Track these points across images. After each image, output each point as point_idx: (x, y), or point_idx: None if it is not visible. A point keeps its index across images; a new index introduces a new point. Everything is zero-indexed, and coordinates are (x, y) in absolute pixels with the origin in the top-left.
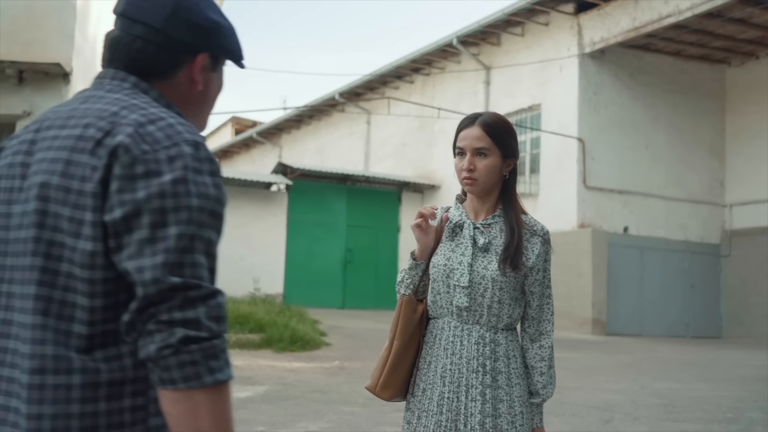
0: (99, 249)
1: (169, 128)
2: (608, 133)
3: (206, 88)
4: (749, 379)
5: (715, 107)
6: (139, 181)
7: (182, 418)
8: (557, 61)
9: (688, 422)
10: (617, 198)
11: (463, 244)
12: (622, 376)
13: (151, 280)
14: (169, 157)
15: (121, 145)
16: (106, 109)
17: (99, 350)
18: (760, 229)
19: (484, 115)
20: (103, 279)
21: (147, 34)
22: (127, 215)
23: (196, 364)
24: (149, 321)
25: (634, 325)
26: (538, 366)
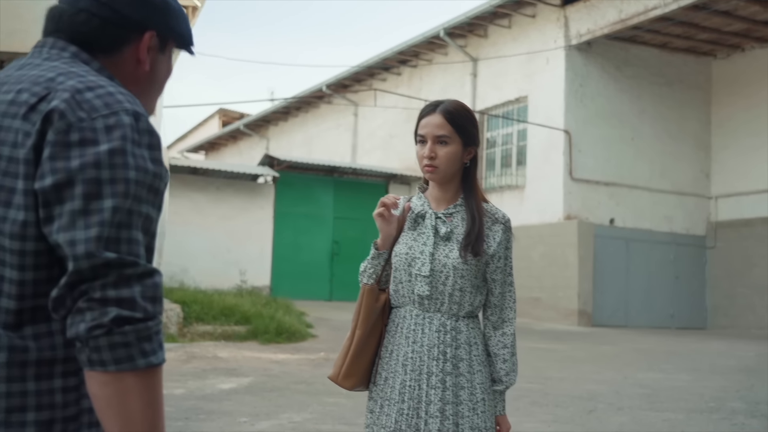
0: (31, 219)
1: (108, 96)
2: (594, 125)
3: (153, 70)
4: (732, 370)
5: (700, 99)
6: (73, 149)
7: (110, 401)
8: (544, 53)
9: (670, 412)
10: (603, 190)
11: (424, 234)
12: (606, 367)
13: (83, 254)
14: (107, 126)
15: (55, 110)
16: (42, 75)
17: (28, 326)
18: (745, 220)
19: (446, 103)
20: (35, 251)
21: (92, 6)
22: (58, 184)
23: (129, 346)
24: (80, 298)
25: (620, 316)
26: (500, 353)
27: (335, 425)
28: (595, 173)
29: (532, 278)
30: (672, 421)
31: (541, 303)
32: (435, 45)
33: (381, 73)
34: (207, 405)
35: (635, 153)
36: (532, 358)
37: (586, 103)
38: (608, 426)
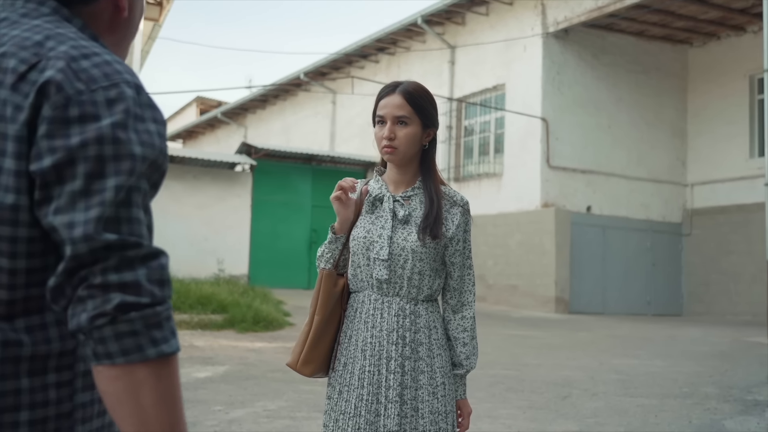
0: (24, 203)
1: (106, 65)
2: (572, 113)
3: (131, 13)
4: (706, 355)
5: (677, 87)
6: (73, 126)
7: (121, 397)
8: (521, 40)
9: (644, 397)
10: (580, 177)
11: (382, 217)
12: (582, 354)
13: (82, 236)
14: (108, 99)
15: (52, 82)
16: (27, 37)
17: (20, 319)
18: (721, 208)
19: (405, 84)
20: (28, 237)
21: None
22: (58, 164)
23: (137, 335)
24: (80, 286)
25: (597, 303)
26: (460, 337)
27: (310, 413)
28: (573, 161)
29: (509, 266)
30: (646, 407)
31: (519, 290)
32: (413, 32)
33: (359, 61)
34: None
35: (612, 141)
36: (509, 345)
37: (564, 91)
38: (583, 412)
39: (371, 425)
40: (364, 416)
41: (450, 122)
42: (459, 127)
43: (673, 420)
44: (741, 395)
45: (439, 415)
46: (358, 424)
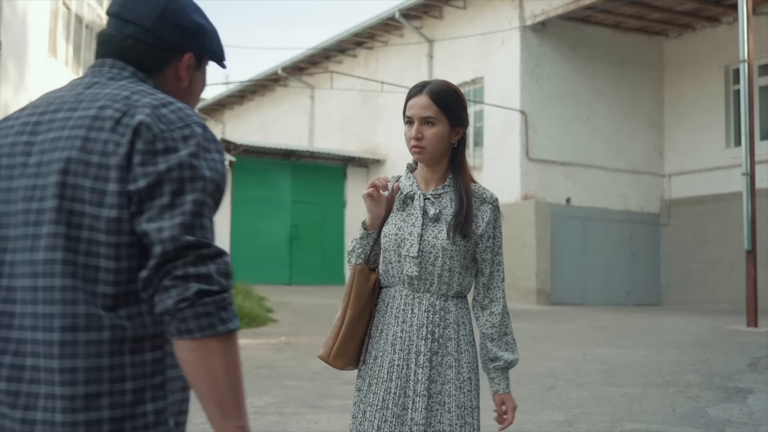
0: (124, 216)
1: (180, 111)
2: (550, 106)
3: (191, 85)
4: (687, 344)
5: (653, 79)
6: (159, 156)
7: (198, 364)
8: (499, 34)
9: (627, 386)
10: (560, 169)
11: (413, 215)
12: (565, 344)
13: (169, 237)
14: (184, 136)
15: (143, 124)
16: (117, 93)
17: (123, 308)
18: (698, 198)
19: (432, 84)
20: (128, 243)
21: (138, 33)
22: (150, 184)
23: (210, 315)
24: (166, 277)
25: (577, 294)
26: (488, 333)
27: (298, 408)
28: (552, 153)
29: None
30: (630, 396)
31: None
32: (391, 27)
33: (337, 56)
34: None
35: (590, 132)
36: None
37: (542, 84)
38: (568, 402)
39: (398, 418)
40: (392, 409)
41: None
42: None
43: (658, 408)
44: (723, 382)
45: (465, 410)
46: (385, 416)
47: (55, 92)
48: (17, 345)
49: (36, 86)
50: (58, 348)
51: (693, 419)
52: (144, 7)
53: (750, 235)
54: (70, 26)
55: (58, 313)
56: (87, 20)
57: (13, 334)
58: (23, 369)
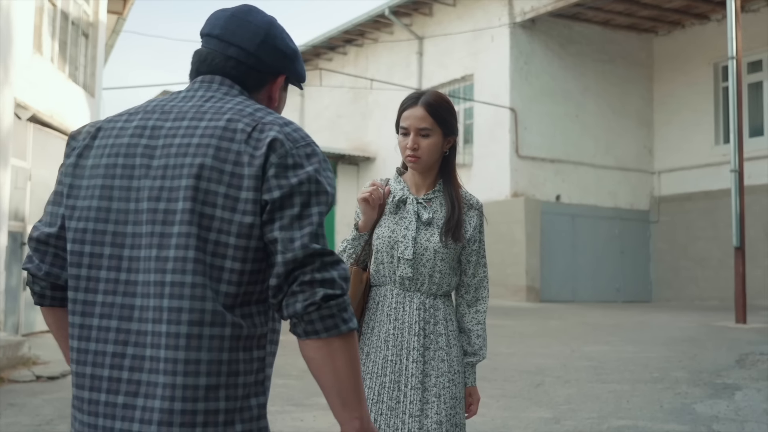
0: (257, 222)
1: (300, 130)
2: (540, 103)
3: (280, 104)
4: (676, 340)
5: (643, 76)
6: (290, 170)
7: (324, 361)
8: (489, 31)
9: (616, 383)
10: (549, 167)
11: (406, 218)
12: (554, 341)
13: (300, 246)
14: (307, 153)
15: (277, 140)
16: (241, 109)
17: (238, 308)
18: (687, 195)
19: (427, 95)
20: (256, 247)
21: (240, 55)
22: (283, 195)
23: (334, 317)
24: (294, 283)
25: (567, 291)
26: (474, 329)
27: (284, 406)
28: (541, 150)
29: None
30: (617, 392)
31: (490, 280)
32: (380, 24)
33: (327, 53)
34: None
35: (580, 130)
36: None
37: (531, 81)
38: (556, 399)
39: (392, 411)
40: (386, 402)
41: None
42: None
43: (645, 405)
44: (710, 379)
45: (456, 401)
46: (380, 409)
47: (167, 101)
48: (137, 336)
49: (21, 83)
50: (185, 340)
51: (680, 415)
52: (248, 32)
53: (739, 232)
54: (55, 23)
55: (186, 307)
56: (73, 17)
57: (133, 326)
58: (143, 359)
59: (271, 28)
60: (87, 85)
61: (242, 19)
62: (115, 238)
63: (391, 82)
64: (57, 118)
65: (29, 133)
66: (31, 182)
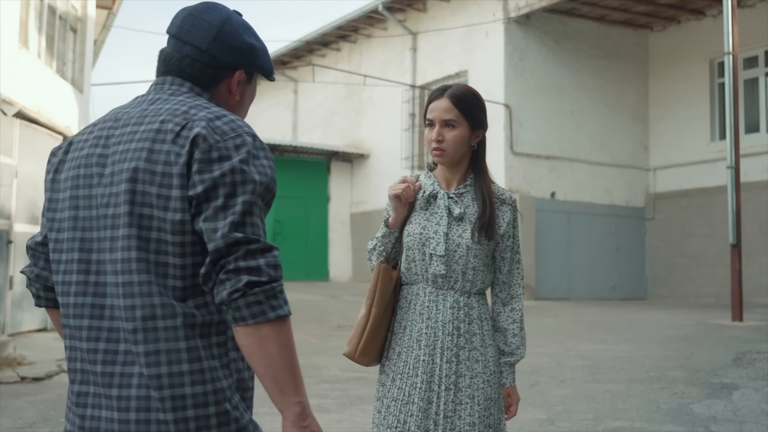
0: (187, 218)
1: (232, 122)
2: (534, 99)
3: (242, 98)
4: (672, 339)
5: (638, 72)
6: (214, 164)
7: (254, 347)
8: (483, 27)
9: (611, 383)
10: (544, 163)
11: (437, 214)
12: (549, 340)
13: (221, 236)
14: (236, 145)
15: (199, 135)
16: (177, 108)
17: (191, 299)
18: (683, 191)
19: (453, 87)
20: (192, 242)
21: (194, 53)
22: (207, 189)
23: (261, 303)
24: (221, 271)
25: (562, 289)
26: (510, 328)
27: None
28: (536, 147)
29: None
30: (614, 392)
31: None
32: (374, 20)
33: (320, 49)
34: None
35: (575, 126)
36: None
37: (526, 77)
38: (551, 399)
39: (423, 412)
40: (417, 403)
41: (413, 110)
42: (422, 114)
43: (641, 405)
44: (707, 378)
45: (492, 402)
46: (410, 410)
47: (123, 108)
48: (109, 333)
49: (6, 78)
50: (142, 334)
51: (677, 416)
52: (200, 30)
53: (735, 229)
54: (42, 17)
55: (138, 304)
56: (61, 11)
57: (104, 324)
58: (116, 353)
59: (224, 25)
60: (75, 81)
61: (197, 17)
62: (83, 243)
63: (385, 78)
64: (44, 114)
65: (15, 129)
66: (17, 179)
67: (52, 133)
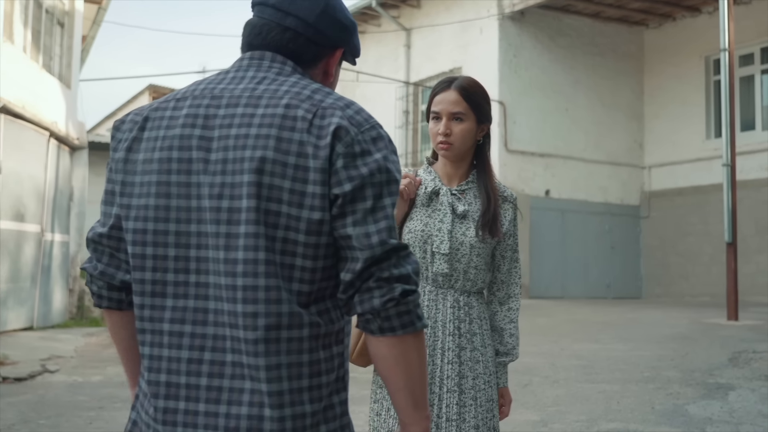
0: (326, 218)
1: (362, 111)
2: (529, 96)
3: (335, 81)
4: (667, 338)
5: (633, 69)
6: (358, 159)
7: (398, 359)
8: (477, 23)
9: (606, 383)
10: (538, 161)
11: (440, 211)
12: (542, 339)
13: (378, 242)
14: (372, 137)
15: (341, 127)
16: (298, 91)
17: (313, 306)
18: (678, 189)
19: (460, 79)
20: (326, 244)
21: (299, 26)
22: (355, 188)
23: (410, 314)
24: (369, 279)
25: (557, 287)
26: (507, 328)
27: None
28: (531, 144)
29: None
30: (608, 393)
31: None
32: (368, 16)
33: None
34: (124, 392)
35: (570, 124)
36: None
37: (521, 74)
38: (543, 400)
39: None
40: None
41: (406, 107)
42: (416, 111)
43: (636, 406)
44: (703, 378)
45: (493, 403)
46: None
47: (214, 83)
48: (214, 341)
49: None
50: (263, 346)
51: (672, 418)
52: (307, 1)
53: (731, 227)
54: (28, 10)
55: (262, 312)
56: (47, 5)
57: (209, 330)
58: (224, 365)
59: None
60: (63, 75)
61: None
62: (178, 238)
63: (379, 75)
64: (30, 109)
65: (0, 124)
66: (1, 175)
67: (38, 129)
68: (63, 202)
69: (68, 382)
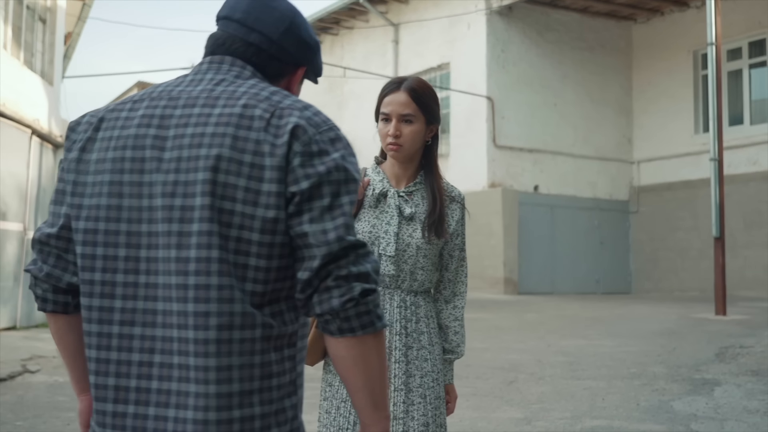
0: (281, 216)
1: (320, 114)
2: (517, 92)
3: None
4: (654, 334)
5: (621, 64)
6: (315, 158)
7: (356, 360)
8: (465, 18)
9: (591, 380)
10: (527, 156)
11: (388, 213)
12: (529, 335)
13: (335, 238)
14: (331, 138)
15: (299, 126)
16: (256, 92)
17: (267, 307)
18: (667, 184)
19: (409, 80)
20: (281, 243)
21: (263, 42)
22: (312, 186)
23: (370, 314)
24: (327, 277)
25: (546, 283)
26: (452, 326)
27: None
28: (519, 140)
29: None
30: (593, 389)
31: (468, 272)
32: (356, 11)
33: None
34: None
35: (558, 119)
36: None
37: (509, 69)
38: (528, 397)
39: None
40: None
41: None
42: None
43: (621, 403)
44: (689, 374)
45: (440, 400)
46: None
47: (171, 86)
48: (163, 343)
49: None
50: (215, 346)
51: (657, 414)
52: (272, 18)
53: (718, 222)
54: (8, 6)
55: (214, 311)
56: (28, 1)
57: (157, 332)
58: (171, 367)
59: (295, 17)
60: (45, 72)
61: (266, 5)
62: (129, 238)
63: (367, 70)
64: (10, 106)
65: None
66: None
67: (20, 126)
68: (46, 200)
69: (49, 383)
